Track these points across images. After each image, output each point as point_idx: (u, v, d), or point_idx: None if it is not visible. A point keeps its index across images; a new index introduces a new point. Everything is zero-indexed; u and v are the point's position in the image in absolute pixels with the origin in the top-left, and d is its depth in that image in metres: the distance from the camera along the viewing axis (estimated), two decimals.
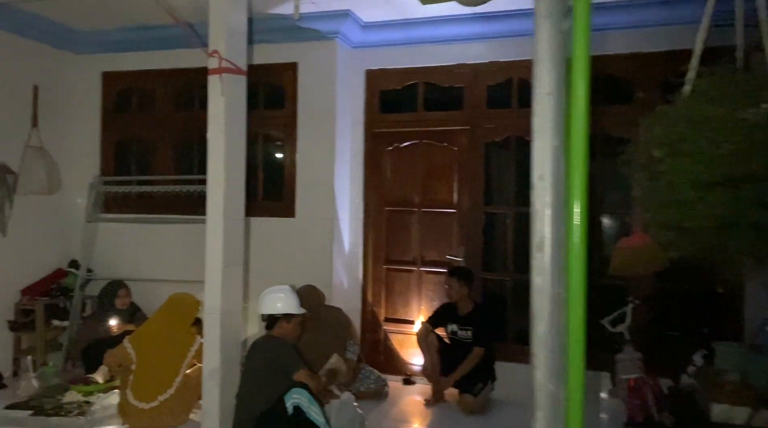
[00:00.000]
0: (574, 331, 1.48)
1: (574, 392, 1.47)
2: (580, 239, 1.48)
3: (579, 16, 1.50)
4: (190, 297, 4.31)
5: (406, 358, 5.26)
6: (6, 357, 5.10)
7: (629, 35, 4.56)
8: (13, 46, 5.08)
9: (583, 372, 1.49)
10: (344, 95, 5.18)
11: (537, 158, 1.52)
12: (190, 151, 5.61)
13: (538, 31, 1.54)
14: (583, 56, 1.49)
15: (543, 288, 1.51)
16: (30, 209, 5.24)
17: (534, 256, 1.53)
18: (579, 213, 1.48)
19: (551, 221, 1.50)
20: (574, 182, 1.48)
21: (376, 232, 5.37)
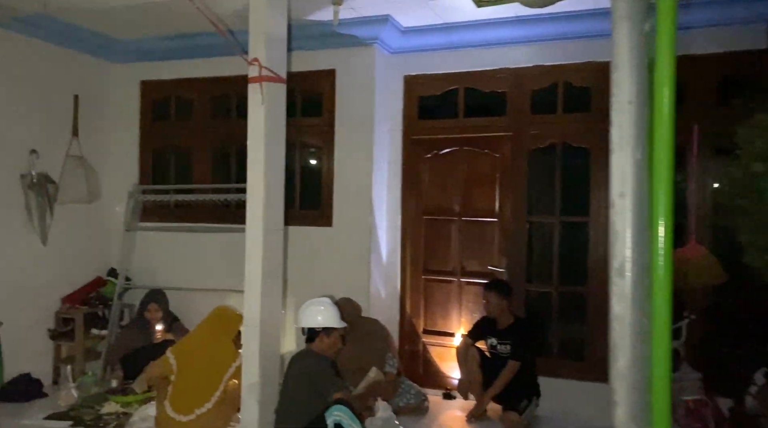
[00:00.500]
0: (658, 365, 1.33)
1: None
2: (665, 263, 1.34)
3: (663, 16, 1.36)
4: (233, 311, 4.23)
5: (446, 371, 5.12)
6: (46, 366, 5.13)
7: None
8: (54, 57, 5.12)
9: (669, 411, 1.34)
10: (382, 102, 5.09)
11: (617, 173, 1.38)
12: (228, 159, 5.59)
13: (616, 33, 1.40)
14: (669, 60, 1.35)
15: (624, 317, 1.37)
16: (70, 218, 5.27)
17: (614, 281, 1.39)
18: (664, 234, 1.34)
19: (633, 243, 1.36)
20: (659, 199, 1.34)
21: (415, 241, 5.25)
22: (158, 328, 5.02)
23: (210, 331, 4.04)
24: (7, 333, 4.74)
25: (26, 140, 4.90)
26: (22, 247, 4.90)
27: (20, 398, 4.64)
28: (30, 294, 4.98)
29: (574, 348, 4.80)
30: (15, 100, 4.80)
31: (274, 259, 3.68)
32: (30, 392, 4.74)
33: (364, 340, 4.41)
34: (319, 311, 3.51)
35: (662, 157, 1.35)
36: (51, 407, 4.49)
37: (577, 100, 4.80)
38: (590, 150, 4.73)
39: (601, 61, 4.61)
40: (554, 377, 4.66)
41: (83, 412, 4.38)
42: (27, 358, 4.93)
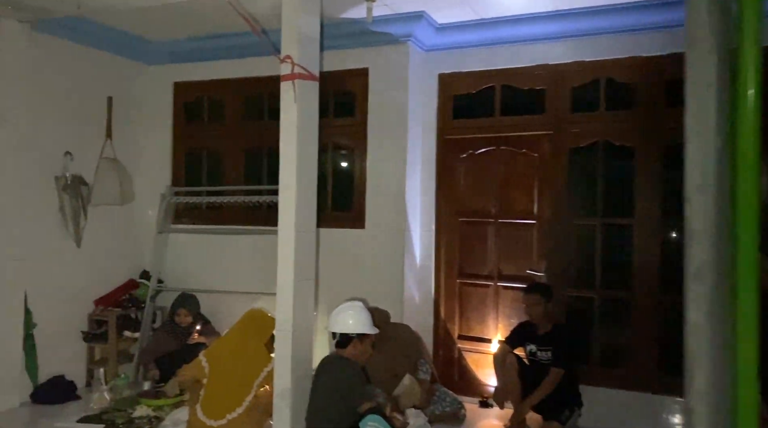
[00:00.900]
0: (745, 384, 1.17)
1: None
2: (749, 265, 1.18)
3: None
4: (266, 314, 4.14)
5: (482, 379, 4.95)
6: (80, 368, 5.13)
7: None
8: (88, 59, 5.13)
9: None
10: (416, 101, 4.96)
11: (693, 164, 1.23)
12: (260, 161, 5.53)
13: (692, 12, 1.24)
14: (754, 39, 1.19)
15: (702, 327, 1.21)
16: (103, 220, 5.27)
17: (689, 288, 1.23)
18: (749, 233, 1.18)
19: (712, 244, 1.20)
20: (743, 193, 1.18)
21: (449, 244, 5.10)
22: (196, 328, 4.99)
23: (242, 334, 3.96)
24: (41, 335, 4.76)
25: (61, 142, 4.92)
26: (56, 249, 4.91)
27: (54, 400, 4.64)
28: (64, 296, 4.99)
29: (617, 356, 4.59)
30: (50, 103, 4.81)
31: (306, 261, 3.59)
32: (63, 394, 4.74)
33: (394, 347, 4.28)
34: (353, 316, 3.40)
35: (747, 145, 1.20)
36: (84, 409, 4.48)
37: (620, 97, 4.60)
38: (634, 149, 4.53)
39: (646, 55, 4.42)
40: (597, 386, 4.46)
41: (115, 415, 4.35)
42: (61, 360, 4.93)
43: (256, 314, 4.10)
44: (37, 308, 4.72)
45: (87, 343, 5.18)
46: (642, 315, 4.44)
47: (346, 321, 3.39)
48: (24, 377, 4.64)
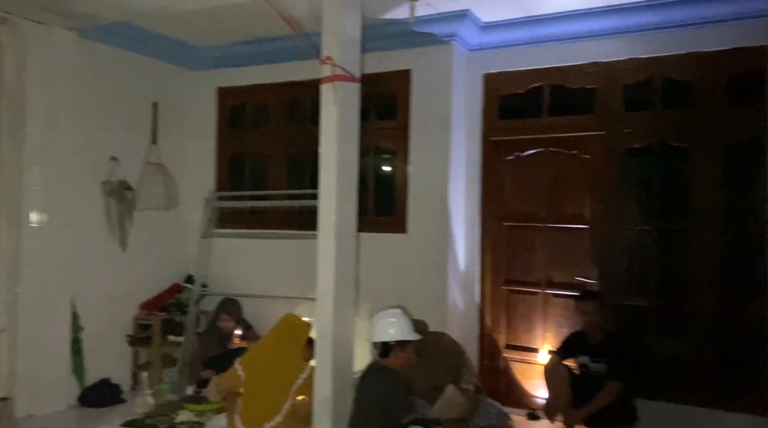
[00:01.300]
0: None
1: None
2: None
3: None
4: (301, 319, 4.08)
5: (530, 390, 4.76)
6: (125, 371, 5.18)
7: None
8: (134, 65, 5.20)
9: None
10: (460, 102, 4.83)
11: None
12: (303, 165, 5.48)
13: None
14: None
15: None
16: (148, 225, 5.32)
17: None
18: None
19: None
20: None
21: (495, 250, 4.94)
22: (237, 333, 4.97)
23: (277, 341, 3.88)
24: (88, 338, 4.83)
25: (107, 147, 4.99)
26: (102, 253, 4.98)
27: (100, 403, 4.70)
28: (110, 300, 5.05)
29: (674, 368, 4.33)
30: (97, 108, 4.89)
31: (346, 266, 3.50)
32: (109, 397, 4.79)
33: (434, 357, 4.12)
34: (392, 324, 3.28)
35: None
36: (128, 413, 4.50)
37: (677, 95, 4.36)
38: (692, 149, 4.28)
39: (705, 51, 4.18)
40: (652, 400, 4.21)
41: (158, 420, 4.34)
42: (107, 363, 4.99)
43: (291, 319, 4.02)
44: (84, 312, 4.79)
45: (132, 347, 5.23)
46: (701, 325, 4.19)
47: (385, 329, 3.27)
48: (71, 380, 4.70)
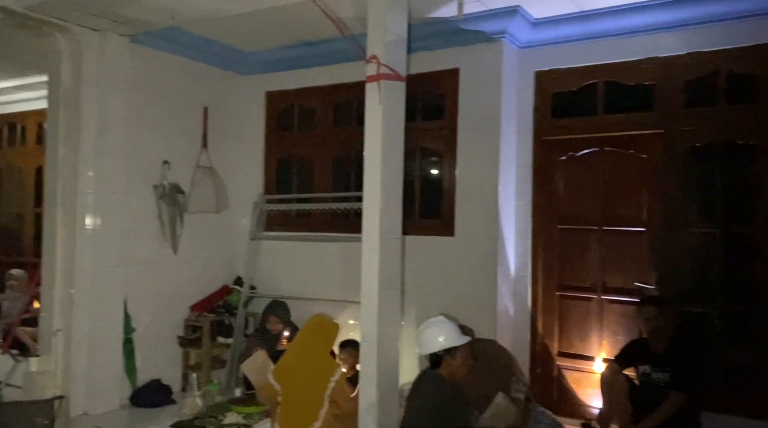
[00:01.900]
0: None
1: None
2: None
3: None
4: (329, 319, 4.00)
5: (584, 399, 4.57)
6: (176, 372, 5.25)
7: None
8: (185, 70, 5.29)
9: None
10: (510, 101, 4.69)
11: None
12: (348, 167, 5.45)
13: None
14: None
15: None
16: (199, 228, 5.39)
17: None
18: None
19: None
20: None
21: (547, 253, 4.76)
22: (285, 334, 4.96)
23: (306, 346, 3.78)
24: (140, 339, 4.91)
25: (159, 151, 5.08)
26: (154, 255, 5.07)
27: (151, 403, 4.77)
28: (161, 301, 5.14)
29: (742, 379, 4.05)
30: (150, 113, 4.98)
31: (391, 270, 3.42)
32: (160, 397, 4.86)
33: (482, 365, 3.97)
34: (438, 332, 3.15)
35: None
36: (177, 414, 4.55)
37: (742, 90, 4.10)
38: (759, 148, 4.02)
39: None
40: (719, 413, 3.96)
41: (206, 421, 4.38)
42: (158, 364, 5.08)
43: (319, 320, 3.90)
44: (136, 314, 4.88)
45: (183, 348, 5.30)
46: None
47: (433, 338, 3.15)
48: (124, 380, 4.79)
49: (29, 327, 5.78)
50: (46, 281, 4.62)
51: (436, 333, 3.16)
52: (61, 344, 4.52)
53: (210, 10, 4.16)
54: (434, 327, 3.19)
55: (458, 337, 3.20)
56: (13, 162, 7.55)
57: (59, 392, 4.46)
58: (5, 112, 7.51)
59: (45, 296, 4.63)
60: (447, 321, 3.23)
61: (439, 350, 3.12)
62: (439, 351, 3.12)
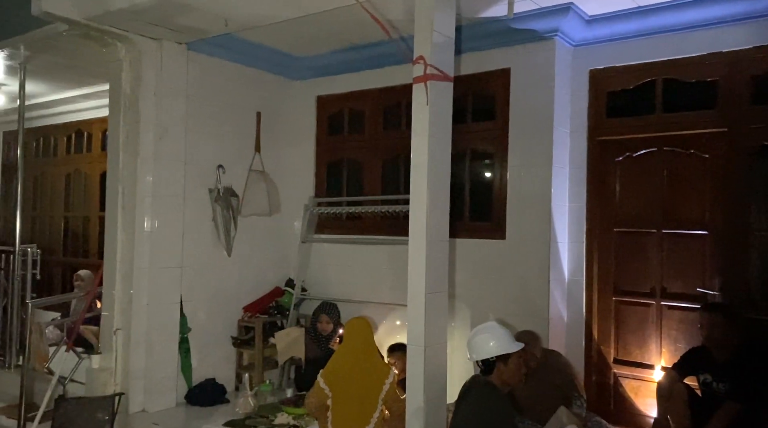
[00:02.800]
0: None
1: None
2: None
3: None
4: (364, 320, 3.99)
5: (642, 409, 4.39)
6: (230, 372, 5.35)
7: None
8: (238, 76, 5.40)
9: None
10: (563, 101, 4.57)
11: None
12: (397, 170, 5.44)
13: None
14: None
15: None
16: (251, 230, 5.49)
17: None
18: None
19: None
20: None
21: (603, 257, 4.61)
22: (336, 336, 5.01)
23: (353, 349, 3.77)
24: (195, 339, 5.03)
25: (214, 155, 5.20)
26: (209, 257, 5.19)
27: (205, 402, 4.88)
28: (216, 302, 5.25)
29: None
30: (205, 119, 5.11)
31: (438, 272, 3.37)
32: (214, 396, 4.96)
33: (547, 376, 3.89)
34: (489, 338, 3.06)
35: None
36: (230, 413, 4.64)
37: None
38: None
39: None
40: None
41: (258, 421, 4.44)
42: (212, 363, 5.19)
43: (359, 323, 3.90)
44: (191, 314, 5.01)
45: (236, 348, 5.40)
46: None
47: (484, 344, 3.06)
48: (180, 378, 4.92)
49: (93, 326, 6.05)
50: (107, 282, 4.81)
51: (487, 339, 3.08)
52: (120, 342, 4.69)
53: (261, 16, 4.23)
54: (486, 333, 3.11)
55: (511, 344, 3.11)
56: (80, 168, 7.91)
57: (119, 389, 4.63)
58: (72, 120, 7.89)
59: (106, 296, 4.81)
60: (499, 326, 3.15)
61: (491, 356, 3.04)
62: (490, 357, 3.04)
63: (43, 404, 4.54)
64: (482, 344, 3.08)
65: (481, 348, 3.08)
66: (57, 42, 5.06)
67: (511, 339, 3.12)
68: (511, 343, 3.13)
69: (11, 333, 5.72)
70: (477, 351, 3.10)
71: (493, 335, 3.09)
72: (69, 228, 8.09)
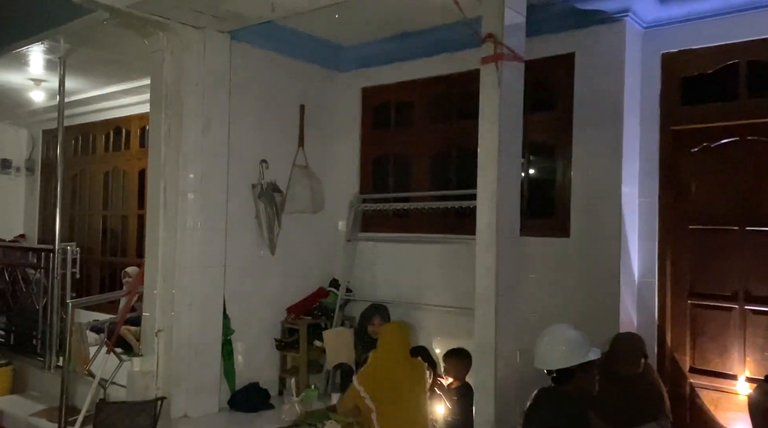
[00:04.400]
0: None
1: None
2: None
3: None
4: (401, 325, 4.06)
5: (723, 422, 4.01)
6: (273, 376, 5.12)
7: None
8: (282, 67, 5.18)
9: None
10: (633, 87, 4.22)
11: None
12: (448, 165, 5.16)
13: None
14: None
15: None
16: (295, 228, 5.26)
17: None
18: None
19: None
20: None
21: (677, 257, 4.24)
22: None
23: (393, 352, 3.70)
24: (238, 341, 4.82)
25: (257, 150, 4.99)
26: (252, 256, 4.98)
27: (249, 407, 4.67)
28: (259, 303, 5.04)
29: None
30: (248, 111, 4.90)
31: (509, 271, 3.08)
32: (258, 402, 4.75)
33: (639, 390, 3.55)
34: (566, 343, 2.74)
35: None
36: (276, 420, 4.41)
37: None
38: None
39: None
40: None
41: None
42: (256, 367, 4.98)
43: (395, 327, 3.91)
44: (236, 315, 4.80)
45: (279, 351, 5.17)
46: None
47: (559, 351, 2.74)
48: (222, 382, 4.71)
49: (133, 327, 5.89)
50: (148, 281, 4.63)
51: (563, 343, 2.75)
52: (162, 344, 4.49)
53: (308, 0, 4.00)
54: (561, 336, 2.79)
55: (588, 350, 2.80)
56: (119, 166, 7.82)
57: (161, 392, 4.43)
58: (111, 116, 7.79)
59: (147, 296, 4.63)
60: (574, 329, 2.82)
61: (569, 365, 2.72)
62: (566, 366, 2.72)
63: (84, 407, 4.39)
64: (560, 350, 2.75)
65: (560, 356, 2.76)
66: (97, 34, 4.93)
67: (588, 344, 2.79)
68: (591, 350, 2.82)
69: (51, 334, 5.59)
70: (552, 359, 2.78)
71: (571, 340, 2.77)
72: (107, 227, 8.00)
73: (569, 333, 2.79)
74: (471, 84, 4.87)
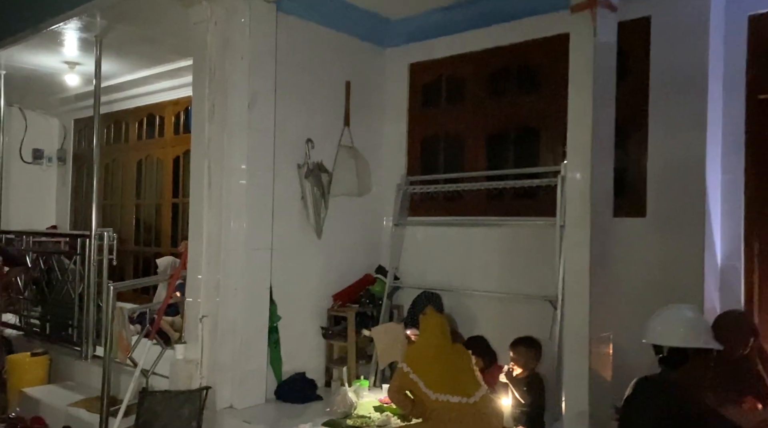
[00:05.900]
0: None
1: None
2: None
3: None
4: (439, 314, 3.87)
5: None
6: (319, 365, 4.87)
7: None
8: (327, 41, 4.90)
9: None
10: (716, 54, 3.87)
11: None
12: (505, 144, 4.85)
13: None
14: None
15: None
16: (341, 211, 4.99)
17: None
18: None
19: None
20: None
21: (766, 238, 3.89)
22: None
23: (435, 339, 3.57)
24: (284, 329, 4.57)
25: (302, 128, 4.73)
26: (298, 240, 4.72)
27: (296, 399, 4.41)
28: (305, 289, 4.78)
29: None
30: (293, 87, 4.63)
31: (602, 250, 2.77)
32: (305, 392, 4.48)
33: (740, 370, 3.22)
34: (690, 322, 2.43)
35: None
36: (325, 411, 4.14)
37: None
38: None
39: None
40: None
41: (359, 421, 3.94)
42: (302, 356, 4.72)
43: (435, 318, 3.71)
44: (282, 301, 4.54)
45: (326, 340, 4.91)
46: None
47: (679, 329, 2.42)
48: (269, 372, 4.46)
49: (168, 317, 5.69)
50: (191, 266, 4.38)
51: (684, 323, 2.42)
52: (207, 331, 4.25)
53: None
54: (685, 314, 2.46)
55: (710, 338, 2.46)
56: (152, 154, 7.64)
57: (205, 382, 4.21)
58: (144, 103, 7.61)
59: (190, 281, 4.39)
60: (698, 312, 2.51)
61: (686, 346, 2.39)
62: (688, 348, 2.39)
63: (127, 397, 4.18)
64: (679, 328, 2.41)
65: (677, 332, 2.41)
66: (136, 7, 4.71)
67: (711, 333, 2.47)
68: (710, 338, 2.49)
69: (87, 323, 5.41)
70: (670, 335, 2.42)
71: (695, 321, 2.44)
72: (140, 217, 7.84)
73: (692, 314, 2.47)
74: (530, 55, 4.64)
